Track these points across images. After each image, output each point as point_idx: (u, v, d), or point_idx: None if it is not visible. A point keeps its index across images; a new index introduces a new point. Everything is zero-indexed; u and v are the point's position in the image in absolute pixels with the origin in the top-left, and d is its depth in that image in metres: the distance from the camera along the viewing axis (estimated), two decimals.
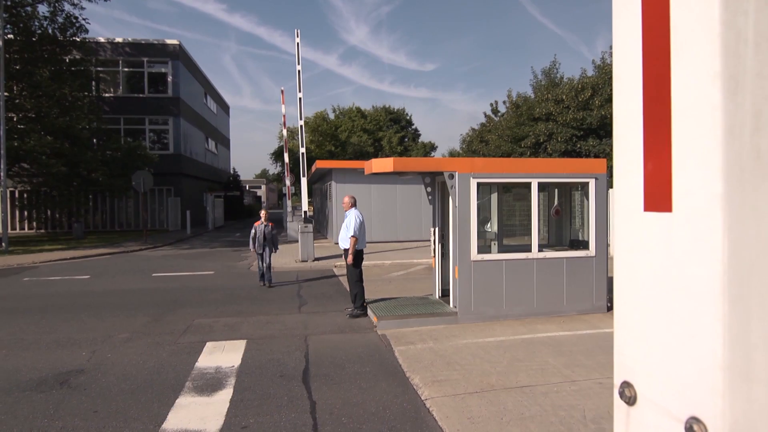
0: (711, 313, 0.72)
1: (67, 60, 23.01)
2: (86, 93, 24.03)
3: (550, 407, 4.43)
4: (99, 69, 28.49)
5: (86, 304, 9.25)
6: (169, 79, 30.65)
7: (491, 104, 32.35)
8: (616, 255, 0.94)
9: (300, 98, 16.02)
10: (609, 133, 24.93)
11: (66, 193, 23.03)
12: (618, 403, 0.91)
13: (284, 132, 19.67)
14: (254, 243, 10.66)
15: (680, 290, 0.77)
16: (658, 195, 0.81)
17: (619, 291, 0.92)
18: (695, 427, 0.73)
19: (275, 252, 10.95)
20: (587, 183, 7.75)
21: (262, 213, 10.74)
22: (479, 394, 4.73)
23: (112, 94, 29.72)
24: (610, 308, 7.96)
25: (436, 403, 4.58)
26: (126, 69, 30.13)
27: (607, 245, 8.01)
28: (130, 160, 23.63)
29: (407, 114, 49.54)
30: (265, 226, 10.56)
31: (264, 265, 10.58)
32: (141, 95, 30.30)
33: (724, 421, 0.70)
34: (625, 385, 0.88)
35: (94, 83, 27.12)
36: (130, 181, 22.47)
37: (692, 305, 0.75)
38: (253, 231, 10.67)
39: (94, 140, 24.91)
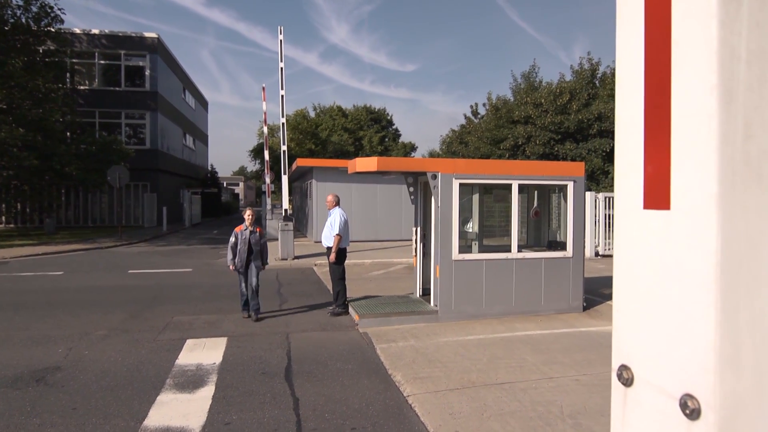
0: (704, 301, 0.80)
1: (41, 51, 22.42)
2: (60, 85, 23.46)
3: (529, 403, 4.54)
4: (74, 61, 27.80)
5: (61, 301, 9.07)
6: (147, 72, 30.10)
7: (471, 106, 32.66)
8: (616, 249, 1.02)
9: (282, 95, 15.95)
10: (586, 138, 25.47)
11: (38, 187, 22.46)
12: (616, 385, 0.99)
13: (265, 129, 19.54)
14: (235, 256, 7.54)
15: (676, 280, 0.85)
16: (657, 194, 0.89)
17: (618, 282, 1.00)
18: (689, 403, 0.81)
19: (263, 269, 7.84)
20: (566, 185, 7.93)
21: (248, 214, 7.62)
22: (460, 391, 4.83)
23: (87, 87, 29.04)
24: (585, 308, 8.16)
25: (418, 399, 4.65)
26: (102, 61, 29.48)
27: (583, 246, 8.22)
28: (105, 154, 23.13)
29: (388, 114, 49.67)
30: (251, 232, 7.56)
31: (249, 288, 7.58)
32: (117, 89, 29.69)
33: (715, 396, 0.79)
34: (623, 368, 0.96)
35: (68, 75, 26.48)
36: (105, 176, 22.02)
37: (687, 294, 0.83)
38: (233, 239, 7.55)
39: (68, 133, 24.32)
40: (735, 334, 0.80)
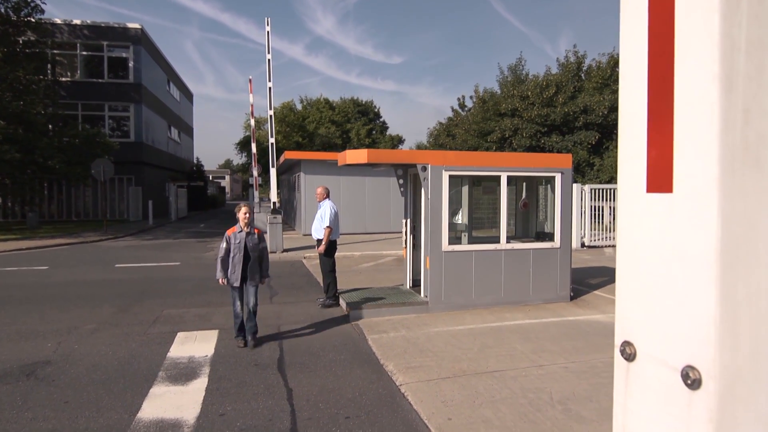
0: (705, 277, 0.86)
1: (21, 42, 21.94)
2: (42, 77, 23.00)
3: (519, 390, 4.63)
4: (55, 52, 27.25)
5: (47, 296, 8.97)
6: (131, 64, 29.62)
7: (458, 99, 32.77)
8: (620, 231, 1.07)
9: (270, 88, 15.84)
10: (571, 130, 25.68)
11: (19, 181, 22.01)
12: (618, 360, 1.04)
13: (252, 121, 19.40)
14: (226, 267, 5.93)
15: (678, 259, 0.91)
16: (660, 178, 0.94)
17: (622, 263, 1.05)
18: (690, 374, 0.87)
19: (264, 283, 6.26)
20: (554, 177, 8.03)
21: (242, 212, 5.98)
22: (452, 379, 4.90)
23: (69, 79, 28.50)
24: (573, 297, 8.30)
25: (410, 388, 4.71)
26: (84, 53, 28.92)
27: (571, 237, 8.34)
28: (88, 147, 22.77)
29: (375, 106, 49.56)
30: (248, 234, 5.98)
31: (245, 306, 6.01)
32: (100, 80, 29.18)
33: (715, 366, 0.84)
34: (626, 344, 1.01)
35: (50, 67, 25.95)
36: (89, 170, 21.69)
37: (689, 271, 0.88)
38: (224, 245, 5.92)
39: (50, 126, 23.87)
40: (734, 309, 0.85)
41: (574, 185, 15.35)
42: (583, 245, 15.92)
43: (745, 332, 0.86)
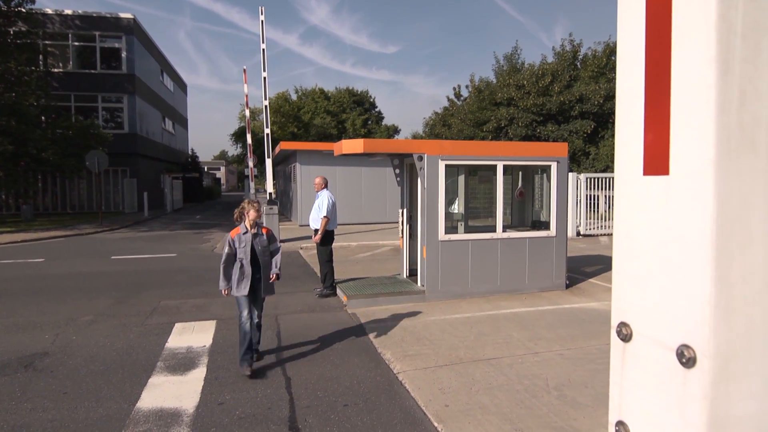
0: (701, 258, 0.87)
1: (12, 32, 21.66)
2: (33, 68, 22.71)
3: (515, 377, 4.68)
4: (47, 42, 26.96)
5: (44, 288, 8.95)
6: (123, 54, 29.32)
7: (454, 88, 32.66)
8: (617, 214, 1.08)
9: (264, 78, 15.74)
10: (567, 119, 25.67)
11: (13, 173, 21.86)
12: (615, 341, 1.06)
13: (247, 112, 19.29)
14: (230, 275, 4.94)
15: (674, 240, 0.92)
16: (657, 161, 0.95)
17: (619, 245, 1.06)
18: (685, 352, 0.89)
19: (274, 292, 5.26)
20: (549, 166, 8.04)
21: (251, 209, 4.98)
22: (449, 367, 4.94)
23: (61, 70, 28.21)
24: (568, 285, 8.35)
25: (408, 376, 4.75)
26: (76, 43, 28.60)
27: (566, 226, 8.38)
28: (82, 139, 22.60)
29: (371, 96, 49.34)
30: (256, 236, 4.99)
31: (250, 321, 4.98)
32: (93, 71, 28.90)
33: (709, 345, 0.86)
34: (622, 325, 1.03)
35: (41, 57, 25.66)
36: (83, 161, 21.55)
37: (685, 252, 0.90)
38: (227, 249, 4.93)
39: (43, 118, 23.67)
40: (729, 288, 0.86)
41: (570, 174, 15.37)
42: (578, 234, 15.99)
43: (739, 311, 0.87)
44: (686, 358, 0.88)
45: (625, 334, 1.02)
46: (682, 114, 0.90)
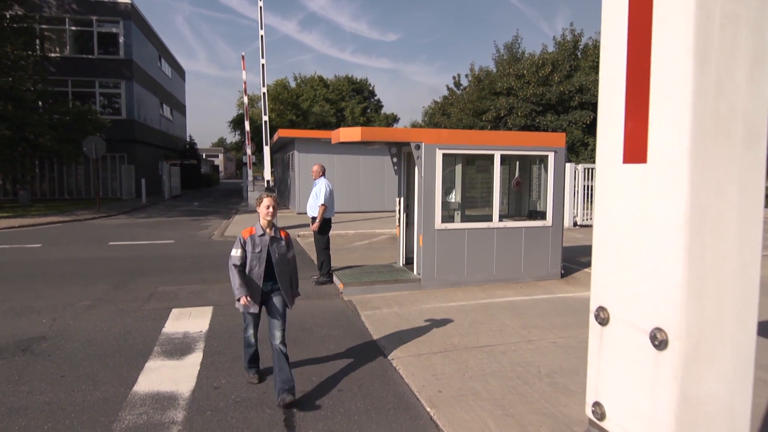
0: (674, 243, 0.90)
1: (8, 16, 21.45)
2: (30, 52, 22.53)
3: (508, 364, 4.73)
4: (44, 27, 26.67)
5: (41, 273, 8.98)
6: (121, 40, 29.09)
7: (454, 77, 32.48)
8: (597, 201, 1.10)
9: (263, 65, 15.65)
10: (567, 110, 25.60)
11: (10, 158, 21.79)
12: (593, 325, 1.09)
13: (245, 99, 19.21)
14: (246, 278, 4.06)
15: (650, 226, 0.94)
16: (635, 149, 0.97)
17: (598, 231, 1.09)
18: (658, 335, 0.91)
19: (292, 306, 4.27)
20: (547, 156, 8.05)
21: (264, 206, 4.15)
22: (443, 354, 4.99)
23: (58, 55, 27.98)
24: (563, 275, 8.40)
25: (402, 362, 4.80)
26: (73, 28, 28.36)
27: (563, 216, 8.41)
28: (79, 124, 22.49)
29: (370, 84, 49.05)
30: (274, 240, 4.19)
31: (255, 338, 4.35)
32: (90, 56, 28.68)
33: (681, 328, 0.89)
34: (600, 309, 1.05)
35: (38, 42, 25.44)
36: (81, 147, 21.47)
37: (660, 238, 0.92)
38: (237, 252, 4.10)
39: (40, 103, 23.54)
40: (701, 273, 0.89)
41: (568, 165, 15.38)
42: (575, 224, 16.03)
43: (711, 296, 0.90)
44: (659, 340, 0.91)
45: (602, 318, 1.05)
46: (661, 103, 0.92)
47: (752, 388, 0.95)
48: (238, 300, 3.98)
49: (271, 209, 4.12)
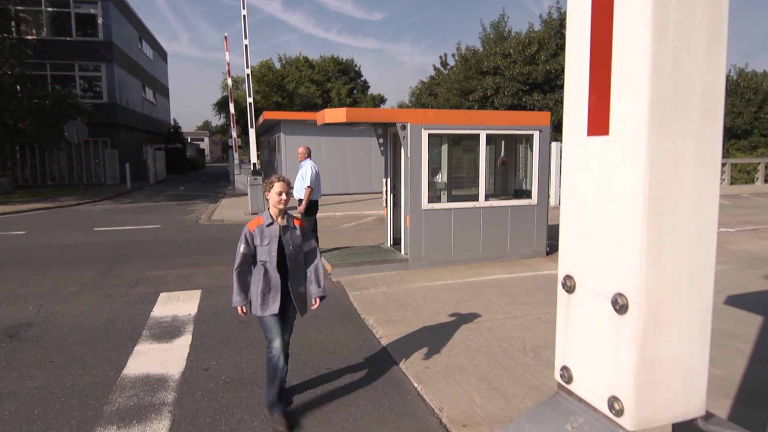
0: (634, 211, 0.94)
1: None
2: (6, 35, 21.93)
3: (494, 340, 4.84)
4: (19, 8, 25.90)
5: (26, 260, 8.90)
6: (100, 21, 28.37)
7: (440, 57, 32.27)
8: (564, 174, 1.14)
9: (246, 45, 15.41)
10: (553, 89, 25.63)
11: None
12: (561, 293, 1.13)
13: (229, 81, 18.94)
14: (246, 286, 3.42)
15: (612, 196, 0.98)
16: (598, 122, 1.00)
17: (565, 203, 1.13)
18: (619, 300, 0.96)
19: (315, 306, 3.63)
20: (532, 135, 8.09)
21: (275, 191, 3.36)
22: (430, 331, 5.08)
23: (35, 37, 27.22)
24: (548, 252, 8.53)
25: (390, 340, 4.89)
26: (50, 9, 27.58)
27: (548, 195, 8.50)
28: (60, 109, 22.03)
29: (356, 65, 48.53)
30: (287, 228, 3.44)
31: (283, 355, 3.47)
32: (68, 38, 27.95)
33: (640, 292, 0.94)
34: (567, 277, 1.10)
35: (13, 24, 24.71)
36: (62, 132, 21.09)
37: (621, 207, 0.97)
38: (243, 248, 3.35)
39: (18, 87, 22.99)
40: (659, 239, 0.94)
41: (554, 143, 15.46)
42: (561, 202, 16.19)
43: (669, 261, 0.94)
44: (619, 305, 0.96)
45: (569, 286, 1.10)
46: (622, 77, 0.95)
47: (709, 348, 1.01)
48: (236, 309, 3.41)
49: (284, 196, 3.39)
